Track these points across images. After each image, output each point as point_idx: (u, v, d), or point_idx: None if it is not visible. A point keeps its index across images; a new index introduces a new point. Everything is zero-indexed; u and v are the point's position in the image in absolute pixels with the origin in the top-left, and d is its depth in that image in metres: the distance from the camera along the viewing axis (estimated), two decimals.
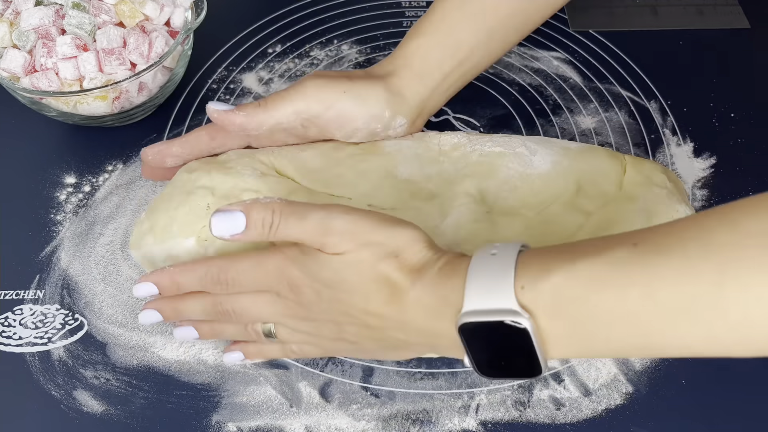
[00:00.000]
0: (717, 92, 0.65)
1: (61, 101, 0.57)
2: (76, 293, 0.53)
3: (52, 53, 0.56)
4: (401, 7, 0.73)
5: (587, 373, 0.49)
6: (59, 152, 0.61)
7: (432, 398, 0.48)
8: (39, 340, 0.51)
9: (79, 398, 0.48)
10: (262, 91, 0.66)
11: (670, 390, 0.48)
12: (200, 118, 0.64)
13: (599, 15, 0.71)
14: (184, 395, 0.48)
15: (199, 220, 0.48)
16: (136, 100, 0.59)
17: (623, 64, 0.67)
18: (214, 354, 0.50)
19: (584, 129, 0.62)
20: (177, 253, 0.49)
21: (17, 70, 0.56)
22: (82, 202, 0.58)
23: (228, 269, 0.44)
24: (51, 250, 0.55)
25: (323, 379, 0.49)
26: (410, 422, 0.47)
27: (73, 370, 0.49)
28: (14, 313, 0.52)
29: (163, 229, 0.49)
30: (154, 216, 0.50)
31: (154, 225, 0.50)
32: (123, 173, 0.60)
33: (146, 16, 0.59)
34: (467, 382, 0.49)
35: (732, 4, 0.71)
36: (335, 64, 0.68)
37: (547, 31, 0.70)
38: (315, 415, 0.47)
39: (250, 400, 0.48)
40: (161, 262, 0.49)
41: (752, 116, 0.63)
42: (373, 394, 0.48)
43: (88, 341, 0.51)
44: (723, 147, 0.61)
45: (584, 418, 0.47)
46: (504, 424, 0.47)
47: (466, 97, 0.64)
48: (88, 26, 0.56)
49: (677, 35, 0.69)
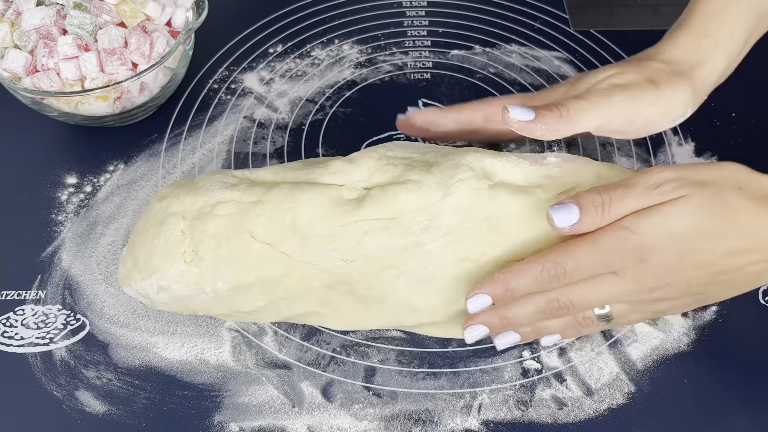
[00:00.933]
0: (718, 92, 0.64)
1: (63, 101, 0.57)
2: (77, 293, 0.53)
3: (54, 53, 0.56)
4: (402, 7, 0.73)
5: (589, 373, 0.49)
6: (60, 152, 0.61)
7: (434, 398, 0.48)
8: (41, 340, 0.51)
9: (81, 398, 0.48)
10: (263, 91, 0.66)
11: (672, 390, 0.48)
12: (200, 118, 0.64)
13: (600, 15, 0.71)
14: (186, 395, 0.48)
15: (177, 247, 0.48)
16: (137, 100, 0.59)
17: None
18: (216, 354, 0.50)
19: None
20: (167, 282, 0.48)
21: (18, 71, 0.56)
22: (83, 202, 0.58)
23: (565, 259, 0.42)
24: (52, 250, 0.55)
25: (325, 379, 0.49)
26: (412, 422, 0.47)
27: (75, 370, 0.49)
28: (16, 314, 0.52)
29: (145, 264, 0.49)
30: (134, 252, 0.50)
31: (136, 261, 0.49)
32: (124, 173, 0.60)
33: (147, 16, 0.59)
34: (469, 381, 0.49)
35: None
36: (336, 64, 0.68)
37: (548, 30, 0.70)
38: (317, 415, 0.47)
39: (252, 400, 0.48)
40: (155, 295, 0.49)
41: (753, 116, 0.63)
42: (375, 394, 0.48)
43: (90, 341, 0.51)
44: (724, 147, 0.61)
45: (586, 418, 0.47)
46: (506, 424, 0.47)
47: (467, 97, 0.65)
48: (89, 26, 0.56)
49: None
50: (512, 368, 0.49)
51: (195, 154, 0.61)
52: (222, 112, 0.64)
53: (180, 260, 0.47)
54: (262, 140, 0.62)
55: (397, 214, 0.46)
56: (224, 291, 0.48)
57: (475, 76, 0.67)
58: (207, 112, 0.64)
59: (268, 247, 0.47)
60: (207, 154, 0.61)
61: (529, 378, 0.49)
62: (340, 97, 0.65)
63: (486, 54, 0.68)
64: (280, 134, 0.63)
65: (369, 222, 0.46)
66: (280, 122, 0.64)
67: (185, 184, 0.51)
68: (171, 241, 0.48)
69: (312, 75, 0.67)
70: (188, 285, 0.48)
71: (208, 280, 0.48)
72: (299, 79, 0.67)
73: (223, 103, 0.65)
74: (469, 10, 0.73)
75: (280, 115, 0.64)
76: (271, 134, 0.63)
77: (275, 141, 0.62)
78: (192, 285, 0.48)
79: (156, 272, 0.48)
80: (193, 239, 0.47)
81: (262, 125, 0.63)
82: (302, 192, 0.47)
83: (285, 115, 0.64)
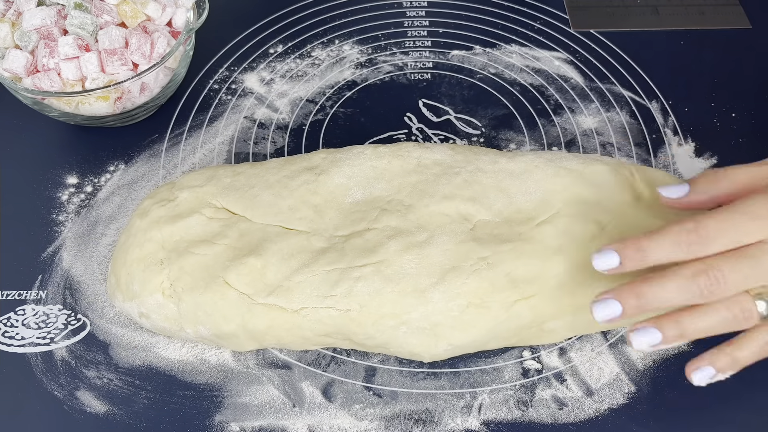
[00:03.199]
0: (718, 92, 0.65)
1: (63, 102, 0.57)
2: (78, 293, 0.53)
3: (54, 54, 0.56)
4: (402, 8, 0.73)
5: (590, 373, 0.49)
6: (61, 153, 0.61)
7: (434, 398, 0.48)
8: (41, 340, 0.51)
9: (82, 398, 0.48)
10: (263, 91, 0.66)
11: (672, 390, 0.48)
12: (201, 119, 0.64)
13: (600, 15, 0.72)
14: (186, 395, 0.48)
15: (155, 276, 0.47)
16: (137, 100, 0.59)
17: (624, 64, 0.67)
18: (217, 354, 0.50)
19: (585, 129, 0.62)
20: (147, 310, 0.48)
21: (19, 71, 0.56)
22: (84, 202, 0.58)
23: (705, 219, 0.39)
24: (53, 250, 0.55)
25: (326, 379, 0.49)
26: (413, 422, 0.47)
27: (75, 370, 0.49)
28: (17, 314, 0.52)
29: (126, 287, 0.49)
30: (116, 270, 0.50)
31: (118, 280, 0.49)
32: (125, 173, 0.60)
33: (148, 17, 0.59)
34: (470, 381, 0.49)
35: (733, 4, 0.71)
36: (337, 65, 0.68)
37: (548, 31, 0.70)
38: (318, 415, 0.47)
39: (252, 400, 0.48)
40: (138, 318, 0.49)
41: (753, 116, 0.63)
42: (375, 394, 0.48)
43: (91, 341, 0.51)
44: (724, 147, 0.61)
45: (586, 418, 0.47)
46: (506, 424, 0.47)
47: (467, 98, 0.65)
48: (90, 26, 0.56)
49: (678, 35, 0.69)
50: (512, 368, 0.49)
51: (195, 154, 0.61)
52: (222, 112, 0.64)
53: (158, 291, 0.47)
54: (262, 140, 0.62)
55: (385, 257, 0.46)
56: (208, 335, 0.48)
57: (475, 76, 0.67)
58: (207, 112, 0.64)
59: (246, 297, 0.46)
60: (207, 154, 0.61)
61: (530, 378, 0.49)
62: (341, 98, 0.65)
63: (486, 54, 0.68)
64: (280, 134, 0.63)
65: (358, 269, 0.46)
66: (281, 122, 0.64)
67: (165, 203, 0.50)
68: (150, 270, 0.48)
69: (312, 75, 0.67)
70: (168, 319, 0.48)
71: (188, 322, 0.47)
72: (300, 80, 0.67)
73: (223, 104, 0.65)
74: (469, 11, 0.73)
75: (280, 115, 0.64)
76: (272, 134, 0.63)
77: (276, 141, 0.62)
78: (172, 320, 0.48)
79: (136, 297, 0.48)
80: (171, 273, 0.47)
81: (262, 125, 0.63)
82: (272, 242, 0.47)
83: (285, 116, 0.64)
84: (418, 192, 0.49)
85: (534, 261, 0.46)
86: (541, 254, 0.46)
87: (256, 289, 0.46)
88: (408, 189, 0.50)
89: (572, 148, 0.61)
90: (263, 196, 0.50)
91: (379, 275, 0.46)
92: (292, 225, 0.49)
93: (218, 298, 0.46)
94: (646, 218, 0.48)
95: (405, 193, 0.49)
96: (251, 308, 0.46)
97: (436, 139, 0.62)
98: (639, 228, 0.47)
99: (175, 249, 0.48)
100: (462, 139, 0.62)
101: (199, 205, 0.50)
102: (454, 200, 0.49)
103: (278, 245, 0.47)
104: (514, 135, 0.62)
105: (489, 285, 0.45)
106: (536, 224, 0.48)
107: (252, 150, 0.62)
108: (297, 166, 0.52)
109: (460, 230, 0.47)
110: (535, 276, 0.46)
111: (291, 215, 0.49)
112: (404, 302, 0.45)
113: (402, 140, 0.62)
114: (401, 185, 0.50)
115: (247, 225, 0.49)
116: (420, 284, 0.45)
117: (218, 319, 0.47)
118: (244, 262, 0.47)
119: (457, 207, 0.48)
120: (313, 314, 0.46)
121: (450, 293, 0.45)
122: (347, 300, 0.45)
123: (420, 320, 0.45)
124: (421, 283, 0.46)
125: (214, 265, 0.47)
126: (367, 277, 0.46)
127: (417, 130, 0.63)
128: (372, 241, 0.47)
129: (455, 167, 0.51)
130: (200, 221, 0.49)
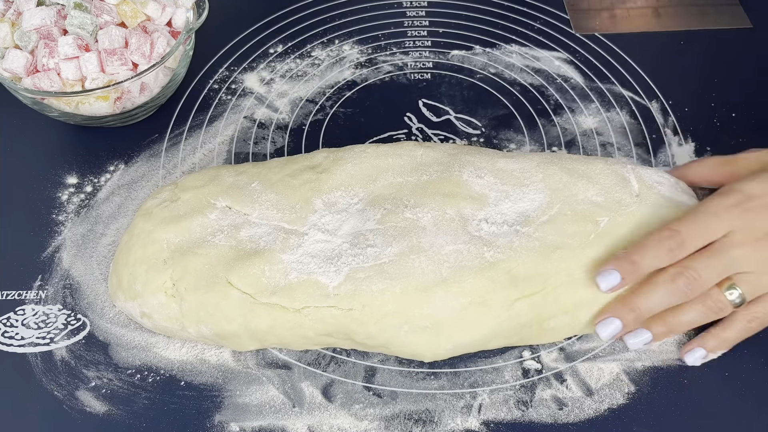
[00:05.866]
0: (718, 92, 0.65)
1: (63, 101, 0.57)
2: (78, 293, 0.53)
3: (54, 53, 0.56)
4: (402, 7, 0.73)
5: (590, 373, 0.49)
6: (61, 152, 0.61)
7: (434, 398, 0.48)
8: (41, 340, 0.51)
9: (82, 398, 0.48)
10: (263, 91, 0.66)
11: (672, 390, 0.48)
12: (201, 119, 0.64)
13: (601, 18, 0.71)
14: (186, 395, 0.48)
15: (158, 276, 0.48)
16: (137, 100, 0.59)
17: (624, 64, 0.67)
18: (217, 354, 0.50)
19: (586, 129, 0.62)
20: (149, 310, 0.48)
21: (19, 71, 0.56)
22: (84, 202, 0.58)
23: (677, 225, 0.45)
24: (53, 250, 0.55)
25: (326, 379, 0.49)
26: (413, 422, 0.47)
27: (75, 370, 0.49)
28: (16, 314, 0.52)
29: (128, 286, 0.49)
30: (118, 270, 0.50)
31: (120, 280, 0.49)
32: (125, 173, 0.60)
33: (148, 17, 0.59)
34: (469, 381, 0.49)
35: (733, 4, 0.71)
36: (336, 65, 0.68)
37: (549, 31, 0.70)
38: (317, 415, 0.47)
39: (252, 400, 0.48)
40: (139, 318, 0.49)
41: (753, 116, 0.63)
42: (375, 394, 0.48)
43: (91, 341, 0.51)
44: (724, 147, 0.60)
45: (586, 418, 0.47)
46: (506, 424, 0.47)
47: (467, 97, 0.65)
48: (89, 26, 0.56)
49: (678, 35, 0.69)
50: (512, 368, 0.49)
51: (195, 154, 0.61)
52: (222, 112, 0.64)
53: (161, 291, 0.47)
54: (262, 140, 0.62)
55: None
56: (210, 335, 0.48)
57: (475, 76, 0.67)
58: (207, 112, 0.64)
59: (248, 297, 0.46)
60: (207, 154, 0.61)
61: (530, 378, 0.49)
62: (341, 98, 0.65)
63: (486, 54, 0.68)
64: (280, 134, 0.63)
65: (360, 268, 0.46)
66: (281, 122, 0.64)
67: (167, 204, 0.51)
68: (154, 269, 0.48)
69: (312, 75, 0.67)
70: (170, 318, 0.48)
71: (190, 322, 0.47)
72: (300, 80, 0.67)
73: (223, 104, 0.65)
74: (469, 10, 0.73)
75: (280, 115, 0.64)
76: (272, 134, 0.63)
77: (276, 141, 0.62)
78: (174, 320, 0.48)
79: (138, 297, 0.48)
80: (174, 273, 0.47)
81: (262, 125, 0.63)
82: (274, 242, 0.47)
83: (285, 116, 0.64)
84: (419, 191, 0.50)
85: (534, 260, 0.46)
86: (541, 253, 0.46)
87: (259, 288, 0.46)
88: (409, 188, 0.50)
89: (572, 148, 0.61)
90: (265, 195, 0.50)
91: (381, 274, 0.46)
92: (294, 224, 0.49)
93: (221, 298, 0.46)
94: (646, 218, 0.48)
95: (406, 191, 0.50)
96: (253, 308, 0.46)
97: (436, 139, 0.62)
98: (638, 228, 0.47)
99: (179, 249, 0.48)
100: (462, 139, 0.62)
101: (202, 205, 0.50)
102: (455, 199, 0.49)
103: (280, 245, 0.47)
104: (514, 135, 0.62)
105: (490, 283, 0.46)
106: (536, 223, 0.48)
107: (252, 150, 0.62)
108: (299, 165, 0.52)
109: (460, 229, 0.48)
110: (535, 274, 0.46)
111: (293, 214, 0.49)
112: (406, 301, 0.45)
113: (402, 140, 0.62)
114: (402, 184, 0.50)
115: (249, 224, 0.49)
116: (422, 283, 0.46)
117: (220, 319, 0.47)
118: (246, 261, 0.47)
119: (458, 206, 0.49)
120: (315, 313, 0.46)
121: (452, 291, 0.45)
122: (349, 299, 0.46)
123: (422, 319, 0.46)
124: (423, 281, 0.46)
125: (217, 264, 0.47)
126: (369, 276, 0.46)
127: (417, 130, 0.63)
128: (374, 240, 0.47)
129: (456, 167, 0.51)
130: (203, 222, 0.49)
